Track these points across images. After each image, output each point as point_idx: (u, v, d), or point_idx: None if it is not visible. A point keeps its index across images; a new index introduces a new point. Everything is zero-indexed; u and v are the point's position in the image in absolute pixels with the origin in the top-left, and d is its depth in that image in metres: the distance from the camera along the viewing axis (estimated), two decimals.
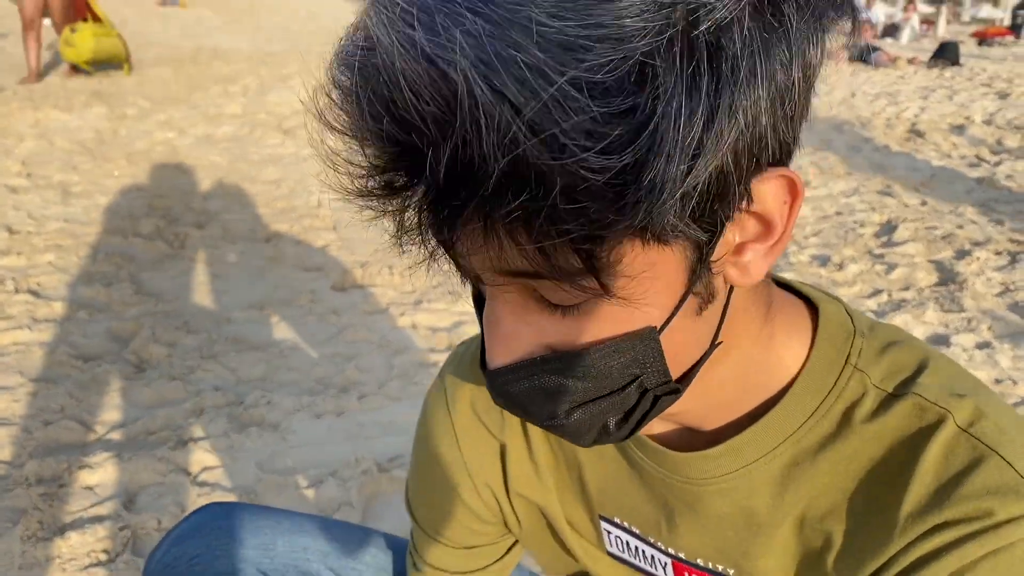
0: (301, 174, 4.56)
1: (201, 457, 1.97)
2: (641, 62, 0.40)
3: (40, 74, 6.99)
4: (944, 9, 21.20)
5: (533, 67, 0.39)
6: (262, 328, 2.74)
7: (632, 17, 0.39)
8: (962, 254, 3.47)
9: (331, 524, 0.95)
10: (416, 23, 0.40)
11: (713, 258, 0.48)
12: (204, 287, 3.07)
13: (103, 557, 1.63)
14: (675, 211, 0.42)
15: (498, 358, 0.52)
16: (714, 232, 0.46)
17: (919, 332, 2.77)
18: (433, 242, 0.47)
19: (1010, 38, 15.30)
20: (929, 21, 19.48)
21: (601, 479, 0.71)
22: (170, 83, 7.10)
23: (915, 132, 6.05)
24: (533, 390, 0.52)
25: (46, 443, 2.01)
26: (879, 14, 17.10)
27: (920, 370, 0.58)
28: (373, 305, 2.93)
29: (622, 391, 0.51)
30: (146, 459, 1.94)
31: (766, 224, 0.49)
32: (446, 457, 0.78)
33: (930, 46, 12.32)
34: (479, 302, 0.57)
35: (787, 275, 3.22)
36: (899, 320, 2.83)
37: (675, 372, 0.53)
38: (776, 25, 0.42)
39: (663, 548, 0.69)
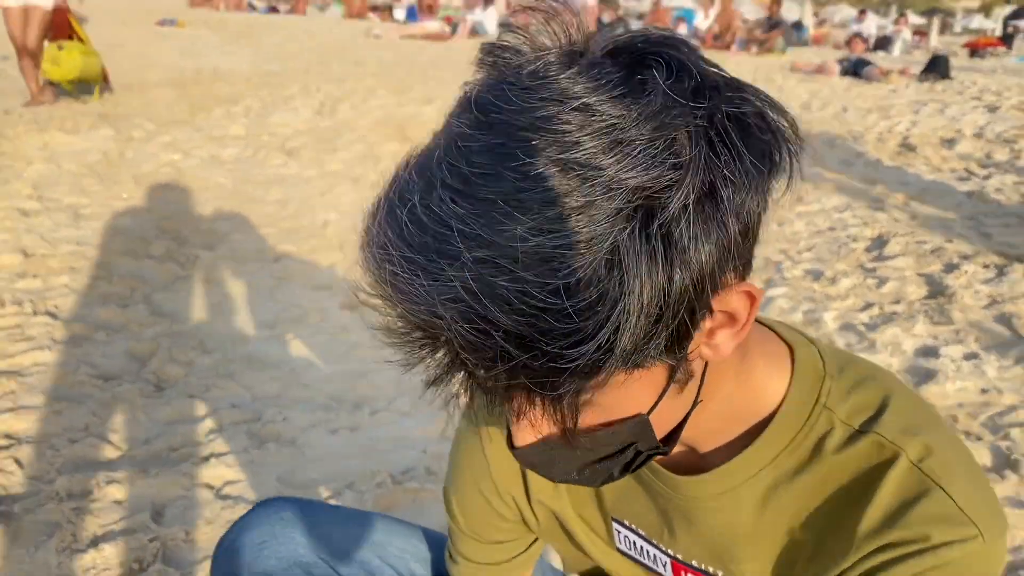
0: (306, 194, 4.67)
1: (223, 472, 2.07)
2: (608, 258, 0.49)
3: (43, 97, 7.08)
4: (936, 21, 21.44)
5: (516, 289, 0.49)
6: (275, 347, 2.84)
7: (599, 223, 0.49)
8: (951, 267, 3.58)
9: (379, 518, 1.06)
10: (417, 269, 0.51)
11: (688, 350, 0.58)
12: (216, 307, 3.17)
13: (135, 567, 1.73)
14: (647, 355, 0.53)
15: (521, 441, 0.64)
16: (685, 349, 0.57)
17: (909, 344, 2.87)
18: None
19: (1001, 48, 15.50)
20: (921, 32, 19.68)
21: (615, 490, 0.84)
22: (173, 104, 7.20)
23: (906, 146, 6.18)
24: (552, 459, 0.65)
25: (73, 460, 2.10)
26: (871, 27, 17.29)
27: (882, 409, 0.69)
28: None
29: (622, 453, 0.64)
30: (170, 474, 2.03)
31: (732, 317, 0.59)
32: (477, 470, 0.90)
33: (922, 57, 12.49)
34: None
35: (781, 289, 3.33)
36: (890, 333, 2.94)
37: (663, 431, 0.65)
38: (715, 210, 0.51)
39: (664, 549, 0.82)
